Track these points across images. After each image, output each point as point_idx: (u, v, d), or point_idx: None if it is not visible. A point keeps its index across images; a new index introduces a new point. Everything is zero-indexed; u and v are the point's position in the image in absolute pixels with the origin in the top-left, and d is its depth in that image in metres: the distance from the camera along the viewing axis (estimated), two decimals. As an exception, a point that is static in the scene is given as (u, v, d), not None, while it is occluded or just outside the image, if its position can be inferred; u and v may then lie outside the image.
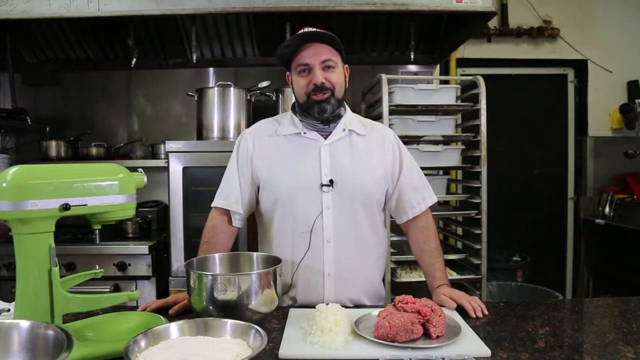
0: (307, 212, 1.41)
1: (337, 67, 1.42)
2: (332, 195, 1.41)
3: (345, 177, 1.42)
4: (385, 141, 1.52)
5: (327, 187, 1.40)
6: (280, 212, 1.44)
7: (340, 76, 1.43)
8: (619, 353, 1.03)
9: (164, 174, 2.47)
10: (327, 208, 1.41)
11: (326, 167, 1.42)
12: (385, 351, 1.03)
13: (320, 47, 1.38)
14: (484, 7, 2.32)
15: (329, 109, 1.40)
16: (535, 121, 3.60)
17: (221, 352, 0.93)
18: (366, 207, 1.45)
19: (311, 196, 1.41)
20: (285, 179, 1.42)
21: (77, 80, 3.20)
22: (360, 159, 1.46)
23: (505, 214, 3.28)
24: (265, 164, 1.46)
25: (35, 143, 2.96)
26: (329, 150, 1.44)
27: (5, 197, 0.98)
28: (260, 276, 1.17)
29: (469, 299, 1.32)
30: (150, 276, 2.46)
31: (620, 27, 3.48)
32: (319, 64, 1.38)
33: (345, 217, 1.42)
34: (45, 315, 1.03)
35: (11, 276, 2.30)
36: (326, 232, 1.41)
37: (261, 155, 1.47)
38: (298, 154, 1.44)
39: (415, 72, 3.25)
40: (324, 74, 1.39)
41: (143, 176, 1.19)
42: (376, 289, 1.55)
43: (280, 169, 1.44)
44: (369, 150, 1.48)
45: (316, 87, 1.38)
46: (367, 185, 1.45)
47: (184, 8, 2.30)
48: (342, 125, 1.47)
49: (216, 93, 2.58)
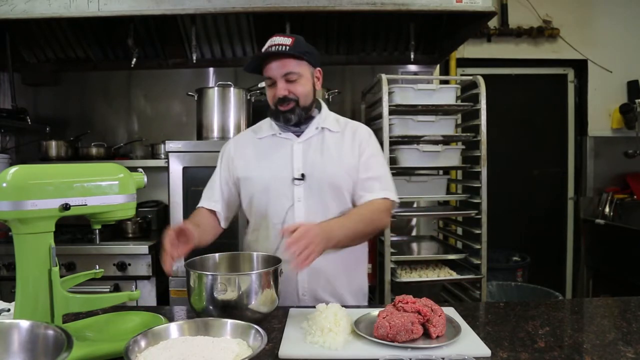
0: (280, 205, 1.48)
1: (301, 77, 1.48)
2: (303, 188, 1.48)
3: (315, 170, 1.49)
4: (357, 135, 1.56)
5: (299, 180, 1.48)
6: (255, 206, 1.53)
7: (305, 85, 1.49)
8: (619, 353, 1.03)
9: (164, 174, 2.47)
10: (298, 200, 1.48)
11: (298, 162, 1.50)
12: (385, 351, 1.03)
13: (284, 60, 1.45)
14: (484, 7, 2.32)
15: (293, 118, 1.48)
16: (535, 121, 3.60)
17: (221, 352, 0.93)
18: (337, 199, 1.50)
19: (283, 190, 1.49)
20: (259, 175, 1.52)
21: (77, 80, 3.20)
22: (330, 153, 1.51)
23: (505, 214, 3.28)
24: (243, 164, 1.56)
25: (35, 143, 2.96)
26: (301, 147, 1.52)
27: (5, 197, 0.98)
28: (260, 276, 1.17)
29: (301, 247, 1.18)
30: (150, 276, 2.46)
31: (620, 27, 3.48)
32: (280, 77, 1.45)
33: (316, 208, 1.47)
34: (45, 315, 1.03)
35: (11, 276, 2.29)
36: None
37: (240, 157, 1.58)
38: (272, 152, 1.54)
39: (415, 72, 3.25)
40: (287, 86, 1.46)
41: (143, 176, 1.19)
42: (359, 284, 1.58)
43: (255, 167, 1.53)
44: (341, 146, 1.54)
45: (279, 100, 1.47)
46: (336, 177, 1.49)
47: (184, 8, 2.30)
48: (314, 124, 1.54)
49: (216, 93, 2.58)
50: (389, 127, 2.38)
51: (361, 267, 1.61)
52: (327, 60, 3.19)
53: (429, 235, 3.09)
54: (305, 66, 1.48)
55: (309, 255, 1.18)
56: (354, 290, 1.57)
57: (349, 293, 1.54)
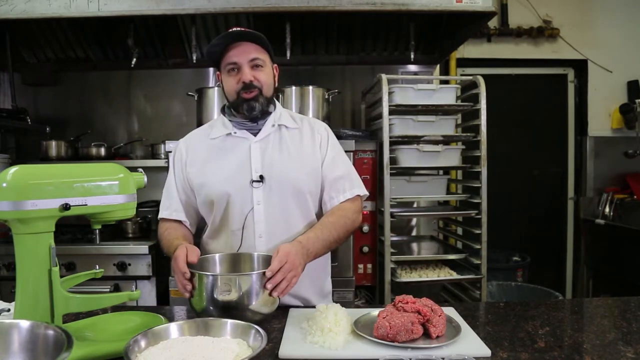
0: (239, 209, 1.43)
1: (265, 66, 1.43)
2: (263, 191, 1.42)
3: (275, 172, 1.43)
4: (315, 133, 1.52)
5: (258, 182, 1.42)
6: (215, 211, 1.47)
7: (268, 75, 1.45)
8: (619, 353, 1.03)
9: (164, 174, 2.45)
10: (257, 204, 1.42)
11: (256, 163, 1.44)
12: (385, 351, 1.03)
13: (248, 46, 1.40)
14: (484, 7, 2.32)
15: (257, 107, 1.42)
16: (535, 121, 3.60)
17: (221, 352, 0.93)
18: (298, 201, 1.45)
19: (242, 193, 1.42)
20: (216, 180, 1.44)
21: (77, 80, 3.20)
22: (289, 153, 1.46)
23: (505, 214, 3.28)
24: (197, 169, 1.48)
25: (35, 143, 2.96)
26: (259, 146, 1.46)
27: (5, 197, 0.98)
28: (261, 276, 1.17)
29: (285, 271, 1.18)
30: (150, 276, 2.46)
31: (620, 27, 3.48)
32: (247, 62, 1.40)
33: (276, 212, 1.43)
34: (45, 315, 1.03)
35: (11, 276, 2.29)
36: (257, 228, 1.42)
37: (193, 161, 1.50)
38: (228, 154, 1.47)
39: (415, 72, 3.25)
40: (253, 72, 1.41)
41: (143, 176, 1.19)
42: (320, 284, 1.55)
43: (211, 171, 1.46)
44: (300, 144, 1.49)
45: (245, 85, 1.40)
46: (296, 179, 1.44)
47: (184, 8, 2.30)
48: (271, 121, 1.48)
49: (216, 93, 2.58)
50: (389, 127, 2.38)
51: (324, 271, 1.58)
52: (327, 60, 3.20)
53: (429, 235, 3.09)
54: (268, 58, 1.45)
55: (292, 279, 1.19)
56: (317, 292, 1.53)
57: (313, 294, 1.50)
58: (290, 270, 1.19)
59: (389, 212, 2.39)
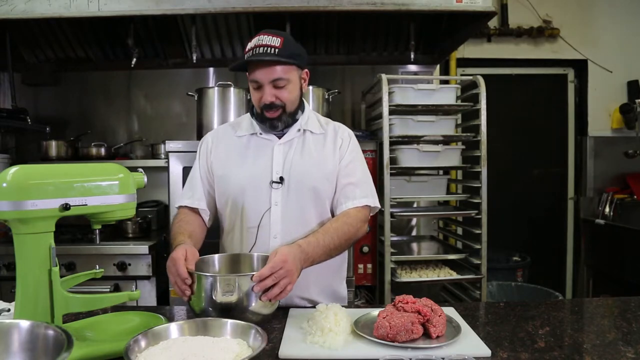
0: (256, 207, 1.43)
1: (289, 83, 1.41)
2: (282, 192, 1.43)
3: (294, 173, 1.43)
4: (337, 137, 1.52)
5: (277, 184, 1.43)
6: (231, 207, 1.47)
7: (293, 91, 1.43)
8: (619, 353, 1.03)
9: (164, 174, 2.47)
10: (275, 204, 1.43)
11: (277, 165, 1.44)
12: (385, 351, 1.03)
13: (272, 66, 1.37)
14: (484, 7, 2.32)
15: (280, 126, 1.44)
16: (535, 121, 3.60)
17: (221, 352, 0.93)
18: (316, 204, 1.45)
19: (261, 193, 1.43)
20: (236, 175, 1.46)
21: (77, 80, 3.20)
22: (310, 156, 1.47)
23: (505, 214, 3.28)
24: (220, 161, 1.50)
25: (35, 143, 2.96)
26: (282, 149, 1.47)
27: (5, 197, 0.98)
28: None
29: (276, 278, 1.15)
30: (150, 276, 2.46)
31: (620, 27, 3.48)
32: (268, 82, 1.38)
33: (293, 213, 1.43)
34: (45, 315, 1.03)
35: (11, 276, 2.28)
36: (273, 228, 1.43)
37: (218, 154, 1.52)
38: (252, 153, 1.48)
39: (415, 72, 3.25)
40: (274, 91, 1.40)
41: (143, 176, 1.19)
42: (334, 290, 1.53)
43: (233, 166, 1.47)
44: (322, 147, 1.49)
45: (266, 106, 1.40)
46: (315, 181, 1.44)
47: (184, 8, 2.30)
48: (297, 126, 1.49)
49: (216, 93, 2.58)
50: (389, 127, 2.38)
51: (339, 275, 1.56)
52: (327, 60, 3.20)
53: (429, 235, 3.09)
54: (294, 70, 1.42)
55: (286, 286, 1.16)
56: (330, 296, 1.50)
57: (325, 299, 1.46)
58: (285, 277, 1.16)
59: (389, 212, 2.39)
